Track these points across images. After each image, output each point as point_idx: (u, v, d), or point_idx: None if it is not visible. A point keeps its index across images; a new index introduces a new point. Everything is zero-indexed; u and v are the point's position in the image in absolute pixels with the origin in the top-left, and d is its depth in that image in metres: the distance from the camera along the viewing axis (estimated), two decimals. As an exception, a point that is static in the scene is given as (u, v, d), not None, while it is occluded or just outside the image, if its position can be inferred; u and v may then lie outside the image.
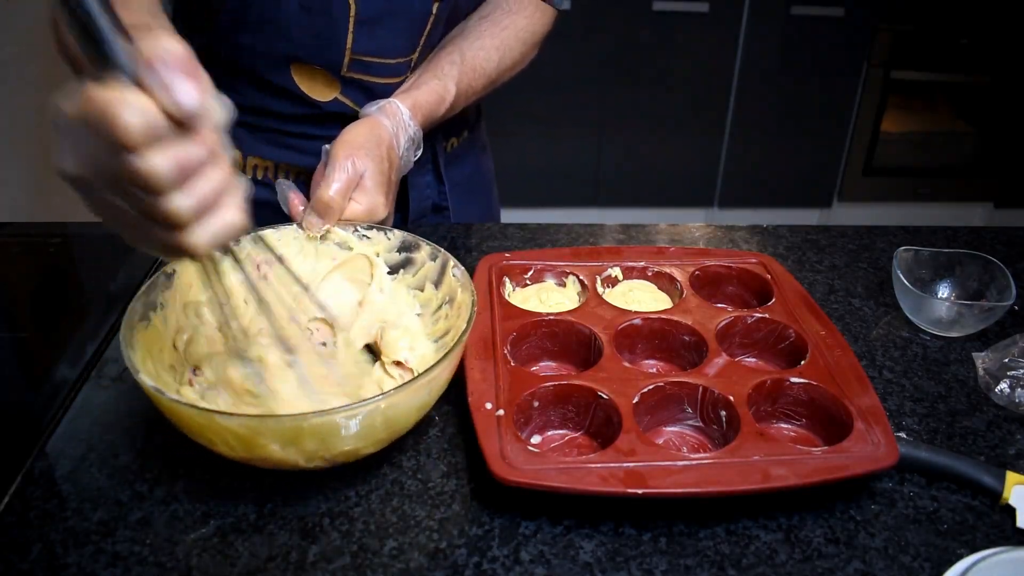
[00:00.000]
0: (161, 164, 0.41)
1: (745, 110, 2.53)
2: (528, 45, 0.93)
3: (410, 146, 0.81)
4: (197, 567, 0.52)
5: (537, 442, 0.62)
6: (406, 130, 0.80)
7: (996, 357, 0.69)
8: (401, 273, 0.72)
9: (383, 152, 0.76)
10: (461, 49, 0.87)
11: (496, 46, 0.89)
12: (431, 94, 0.83)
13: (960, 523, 0.57)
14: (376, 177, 0.74)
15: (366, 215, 0.73)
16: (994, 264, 0.79)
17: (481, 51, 0.88)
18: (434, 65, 0.85)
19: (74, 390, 0.67)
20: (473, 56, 0.87)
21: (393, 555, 0.53)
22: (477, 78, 0.87)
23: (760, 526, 0.56)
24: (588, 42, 2.33)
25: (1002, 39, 2.49)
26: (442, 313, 0.68)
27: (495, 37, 0.89)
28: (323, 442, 0.52)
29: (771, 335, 0.71)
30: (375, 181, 0.74)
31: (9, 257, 0.85)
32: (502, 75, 0.91)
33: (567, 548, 0.54)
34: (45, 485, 0.58)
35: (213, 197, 0.44)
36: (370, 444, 0.55)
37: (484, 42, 0.88)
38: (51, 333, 0.75)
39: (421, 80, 0.84)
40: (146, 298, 0.61)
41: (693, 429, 0.64)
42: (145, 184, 0.41)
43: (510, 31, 0.90)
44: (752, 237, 0.95)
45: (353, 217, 0.73)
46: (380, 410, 0.52)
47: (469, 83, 0.86)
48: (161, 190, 0.41)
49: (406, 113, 0.80)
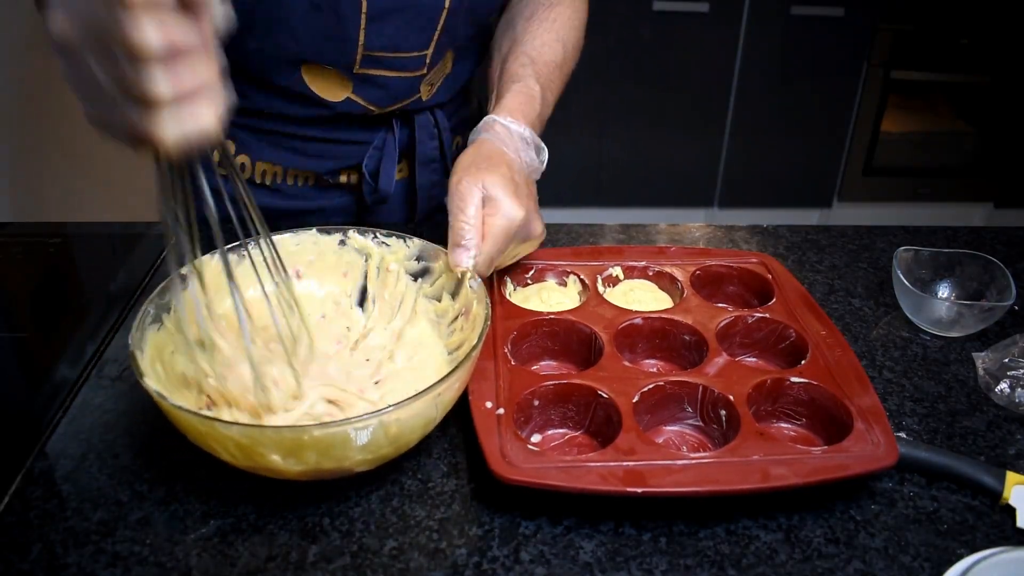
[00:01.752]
0: (151, 32, 0.40)
1: (745, 110, 2.53)
2: (579, 31, 0.94)
3: (526, 146, 0.77)
4: (197, 567, 0.52)
5: (537, 441, 0.62)
6: (511, 134, 0.76)
7: (996, 357, 0.69)
8: (419, 282, 0.71)
9: (495, 161, 0.72)
10: (526, 51, 0.86)
11: (555, 39, 0.89)
12: (519, 96, 0.81)
13: (960, 523, 0.57)
14: (499, 185, 0.69)
15: (506, 223, 0.68)
16: (994, 264, 0.79)
17: (545, 47, 0.88)
18: (508, 74, 0.84)
19: (74, 390, 0.67)
20: (540, 54, 0.87)
21: (393, 555, 0.53)
22: (552, 71, 0.87)
23: (760, 526, 0.56)
24: (588, 42, 2.32)
25: (1002, 39, 2.49)
26: (457, 325, 0.67)
27: (550, 32, 0.89)
28: (324, 454, 0.51)
29: (771, 335, 0.71)
30: (500, 189, 0.69)
31: (9, 257, 0.85)
32: (569, 63, 0.91)
33: (567, 548, 0.54)
34: (45, 485, 0.58)
35: (192, 90, 0.43)
36: (373, 458, 0.54)
37: (544, 38, 0.88)
38: (51, 333, 0.74)
39: (503, 91, 0.82)
40: (159, 300, 0.61)
41: (693, 428, 0.64)
42: (130, 49, 0.40)
43: (561, 21, 0.91)
44: (752, 237, 0.95)
45: (495, 232, 0.68)
46: (383, 423, 0.52)
47: (547, 77, 0.86)
48: (145, 59, 0.40)
49: (504, 120, 0.77)
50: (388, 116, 0.90)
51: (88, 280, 0.86)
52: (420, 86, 0.88)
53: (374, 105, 0.87)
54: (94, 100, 0.44)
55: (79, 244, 0.91)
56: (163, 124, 0.42)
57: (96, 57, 0.42)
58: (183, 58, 0.42)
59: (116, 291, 0.81)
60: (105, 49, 0.41)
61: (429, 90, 0.90)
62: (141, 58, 0.40)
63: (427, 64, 0.86)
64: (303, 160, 0.90)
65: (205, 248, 0.57)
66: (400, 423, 0.53)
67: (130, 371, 0.68)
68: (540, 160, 0.78)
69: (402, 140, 0.92)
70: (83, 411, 0.65)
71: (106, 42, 0.41)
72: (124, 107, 0.42)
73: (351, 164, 0.91)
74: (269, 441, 0.50)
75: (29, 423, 0.62)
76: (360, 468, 0.55)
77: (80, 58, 0.42)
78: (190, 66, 0.42)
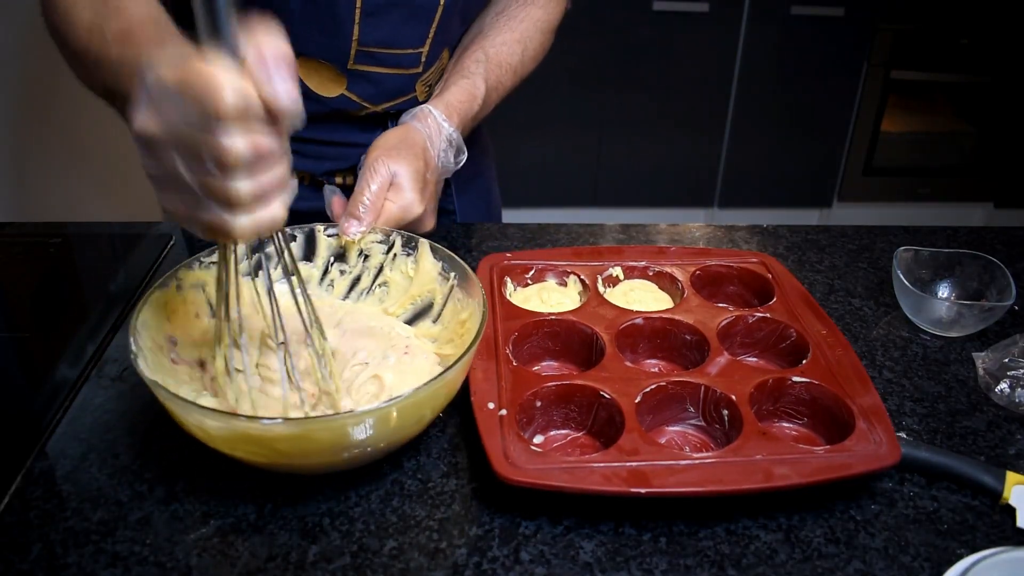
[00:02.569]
0: (241, 144, 0.43)
1: (745, 110, 2.53)
2: (546, 34, 0.94)
3: (448, 147, 0.80)
4: (197, 567, 0.52)
5: (540, 442, 0.62)
6: (440, 131, 0.80)
7: (996, 357, 0.69)
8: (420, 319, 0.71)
9: (416, 151, 0.76)
10: (484, 47, 0.87)
11: (517, 39, 0.89)
12: (461, 93, 0.83)
13: (960, 523, 0.57)
14: (410, 176, 0.74)
15: (401, 213, 0.73)
16: (994, 264, 0.79)
17: (504, 46, 0.88)
18: (460, 67, 0.86)
19: (74, 390, 0.67)
20: (496, 52, 0.87)
21: (393, 555, 0.53)
22: (504, 73, 0.88)
23: (760, 526, 0.56)
24: (588, 42, 2.33)
25: (1002, 39, 2.49)
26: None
27: (514, 31, 0.89)
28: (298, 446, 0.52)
29: (772, 334, 0.71)
30: (409, 180, 0.74)
31: (9, 257, 0.85)
32: (526, 66, 0.92)
33: (567, 548, 0.54)
34: (45, 485, 0.58)
35: (269, 190, 0.47)
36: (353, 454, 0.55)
37: (505, 36, 0.89)
38: (51, 333, 0.74)
39: (449, 82, 0.84)
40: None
41: (695, 428, 0.64)
42: (220, 158, 0.43)
43: (528, 23, 0.91)
44: (752, 237, 0.95)
45: (388, 216, 0.72)
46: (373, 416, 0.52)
47: (497, 78, 0.87)
48: (232, 168, 0.44)
49: (439, 115, 0.80)
50: (383, 117, 0.90)
51: (88, 280, 0.86)
52: (416, 85, 0.88)
53: (368, 101, 0.87)
54: (171, 194, 0.47)
55: (79, 244, 0.91)
56: (239, 220, 0.47)
57: (183, 158, 0.45)
58: (264, 162, 0.46)
59: (116, 291, 0.81)
60: (194, 153, 0.44)
61: (426, 91, 0.90)
62: (230, 166, 0.44)
63: (422, 62, 0.86)
64: (299, 161, 0.89)
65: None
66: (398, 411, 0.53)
67: (130, 371, 0.68)
68: (456, 162, 0.82)
69: None
70: (83, 411, 0.65)
71: (195, 147, 0.44)
72: (203, 204, 0.46)
73: (346, 166, 0.91)
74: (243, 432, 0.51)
75: (29, 423, 0.62)
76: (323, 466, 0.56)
77: (164, 155, 0.45)
78: (269, 169, 0.46)
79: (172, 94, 0.43)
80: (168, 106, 0.44)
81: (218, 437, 0.52)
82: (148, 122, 0.45)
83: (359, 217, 0.71)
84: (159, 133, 0.45)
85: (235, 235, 0.47)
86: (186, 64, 0.43)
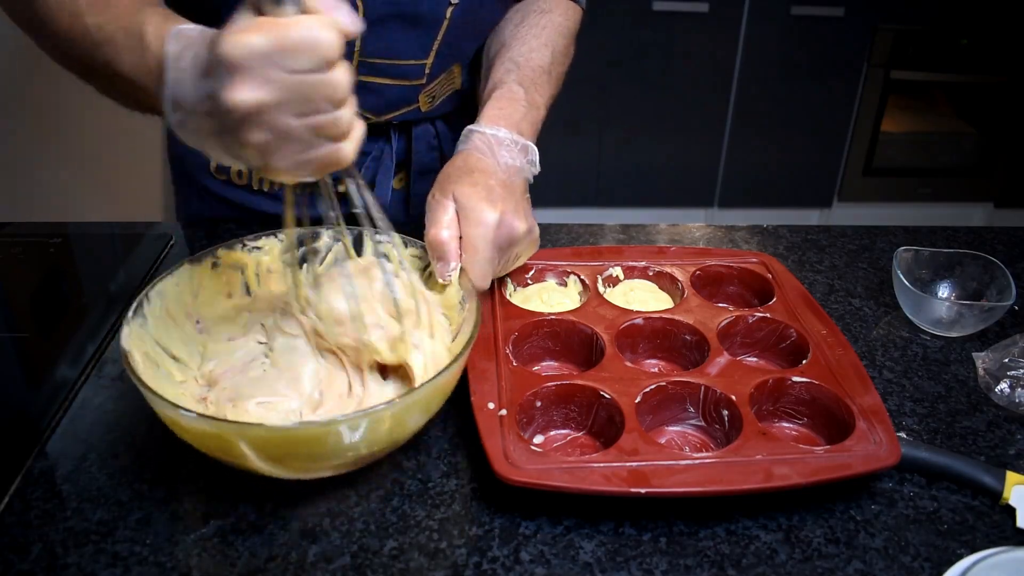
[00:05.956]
0: (347, 76, 0.49)
1: (745, 110, 2.53)
2: (568, 39, 0.92)
3: (507, 148, 0.75)
4: (197, 567, 0.52)
5: (540, 442, 0.62)
6: (486, 138, 0.75)
7: (996, 357, 0.69)
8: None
9: (467, 168, 0.71)
10: (511, 58, 0.85)
11: (543, 44, 0.87)
12: (498, 100, 0.79)
13: (960, 523, 0.57)
14: (467, 193, 0.69)
15: (482, 230, 0.68)
16: (994, 264, 0.79)
17: (532, 52, 0.86)
18: (492, 83, 0.83)
19: (74, 390, 0.67)
20: (526, 60, 0.85)
21: (393, 555, 0.53)
22: (539, 75, 0.85)
23: (760, 526, 0.56)
24: (588, 42, 2.32)
25: (1002, 39, 2.49)
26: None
27: (538, 37, 0.88)
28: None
29: (772, 334, 0.71)
30: (469, 197, 0.68)
31: (9, 257, 0.85)
32: (556, 67, 0.89)
33: (567, 548, 0.54)
34: (45, 485, 0.58)
35: (355, 116, 0.52)
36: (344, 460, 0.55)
37: (531, 43, 0.87)
38: (51, 333, 0.74)
39: (485, 100, 0.81)
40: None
41: (695, 428, 0.64)
42: (334, 95, 0.48)
43: (550, 28, 0.89)
44: (752, 237, 0.95)
45: (472, 240, 0.67)
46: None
47: (532, 80, 0.84)
48: (343, 99, 0.49)
49: (478, 128, 0.76)
50: (386, 127, 0.90)
51: (88, 280, 0.86)
52: (419, 96, 0.88)
53: (371, 112, 0.87)
54: (284, 149, 0.50)
55: (79, 244, 0.91)
56: (347, 148, 0.52)
57: (294, 107, 0.48)
58: (351, 95, 0.51)
59: (116, 291, 0.81)
60: (307, 98, 0.48)
61: (429, 102, 0.90)
62: (341, 98, 0.49)
63: (427, 74, 0.86)
64: None
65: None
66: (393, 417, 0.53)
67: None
68: (528, 159, 0.76)
69: (399, 151, 0.92)
70: (83, 411, 0.65)
71: (309, 92, 0.48)
72: (314, 143, 0.50)
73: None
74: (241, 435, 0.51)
75: (29, 423, 0.62)
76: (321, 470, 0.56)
77: (272, 115, 0.48)
78: (352, 99, 0.51)
79: (274, 56, 0.46)
80: (270, 69, 0.47)
81: (191, 429, 0.52)
82: (252, 92, 0.47)
83: (443, 258, 0.66)
84: (268, 96, 0.47)
85: (347, 161, 0.52)
86: (273, 26, 0.46)
